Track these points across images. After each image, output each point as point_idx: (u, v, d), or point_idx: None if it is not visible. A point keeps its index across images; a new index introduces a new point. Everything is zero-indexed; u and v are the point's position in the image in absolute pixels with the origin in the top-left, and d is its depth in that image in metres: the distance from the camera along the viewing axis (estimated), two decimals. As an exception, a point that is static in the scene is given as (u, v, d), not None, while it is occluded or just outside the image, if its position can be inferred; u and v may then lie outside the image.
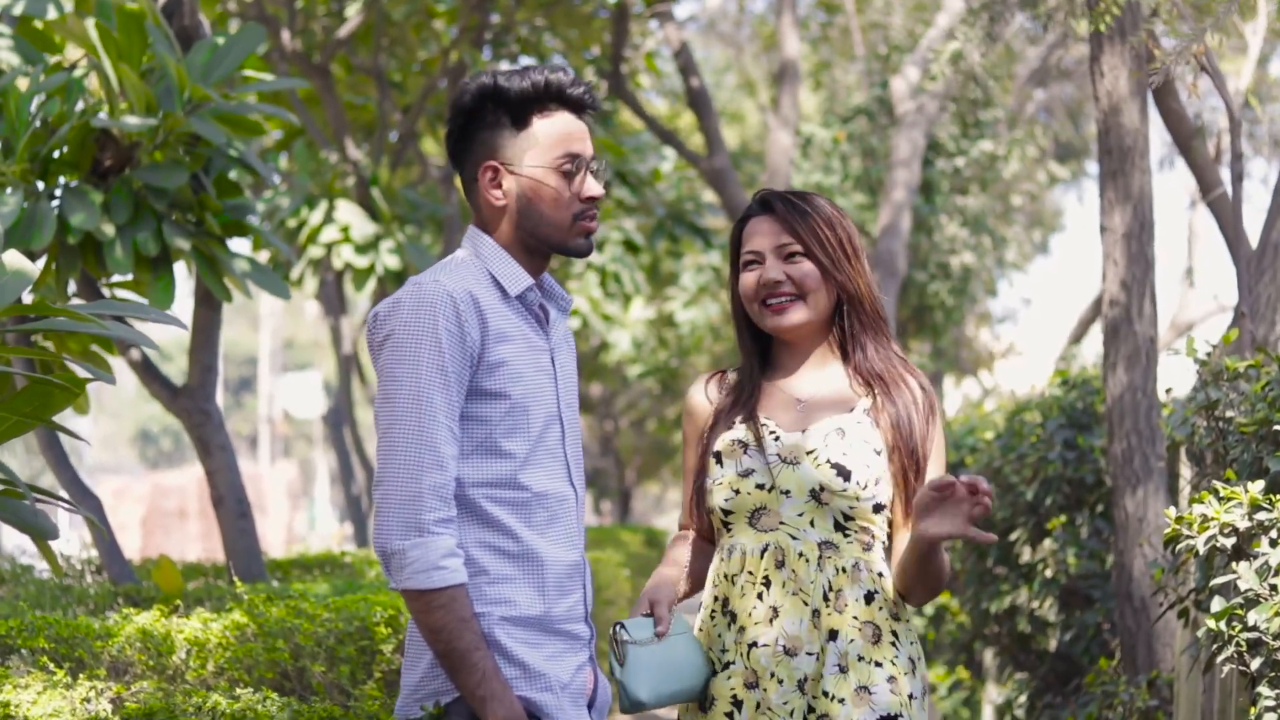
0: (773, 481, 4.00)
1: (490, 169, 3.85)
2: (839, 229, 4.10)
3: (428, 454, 3.61)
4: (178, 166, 6.37)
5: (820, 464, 3.96)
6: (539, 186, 3.83)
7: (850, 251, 4.10)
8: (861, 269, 4.11)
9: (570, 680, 3.82)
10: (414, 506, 3.58)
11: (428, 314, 3.67)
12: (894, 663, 3.95)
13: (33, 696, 4.28)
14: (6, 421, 3.57)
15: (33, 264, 3.66)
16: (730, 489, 4.06)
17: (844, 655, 3.91)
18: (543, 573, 3.79)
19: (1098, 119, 7.12)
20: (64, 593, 6.68)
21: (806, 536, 3.98)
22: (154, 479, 35.82)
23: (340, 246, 13.26)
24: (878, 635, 3.96)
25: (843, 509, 3.97)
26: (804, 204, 4.11)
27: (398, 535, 3.58)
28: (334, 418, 19.66)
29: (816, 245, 4.07)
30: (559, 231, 3.86)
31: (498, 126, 3.85)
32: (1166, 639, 6.82)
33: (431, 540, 3.58)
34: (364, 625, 5.06)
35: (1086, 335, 19.51)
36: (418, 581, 3.57)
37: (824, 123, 20.64)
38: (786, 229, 4.09)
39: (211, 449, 6.94)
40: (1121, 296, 7.01)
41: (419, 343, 3.65)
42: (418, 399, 3.63)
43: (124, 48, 6.28)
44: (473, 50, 14.55)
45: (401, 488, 3.60)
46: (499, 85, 3.83)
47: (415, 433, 3.61)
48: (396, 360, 3.66)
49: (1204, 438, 5.68)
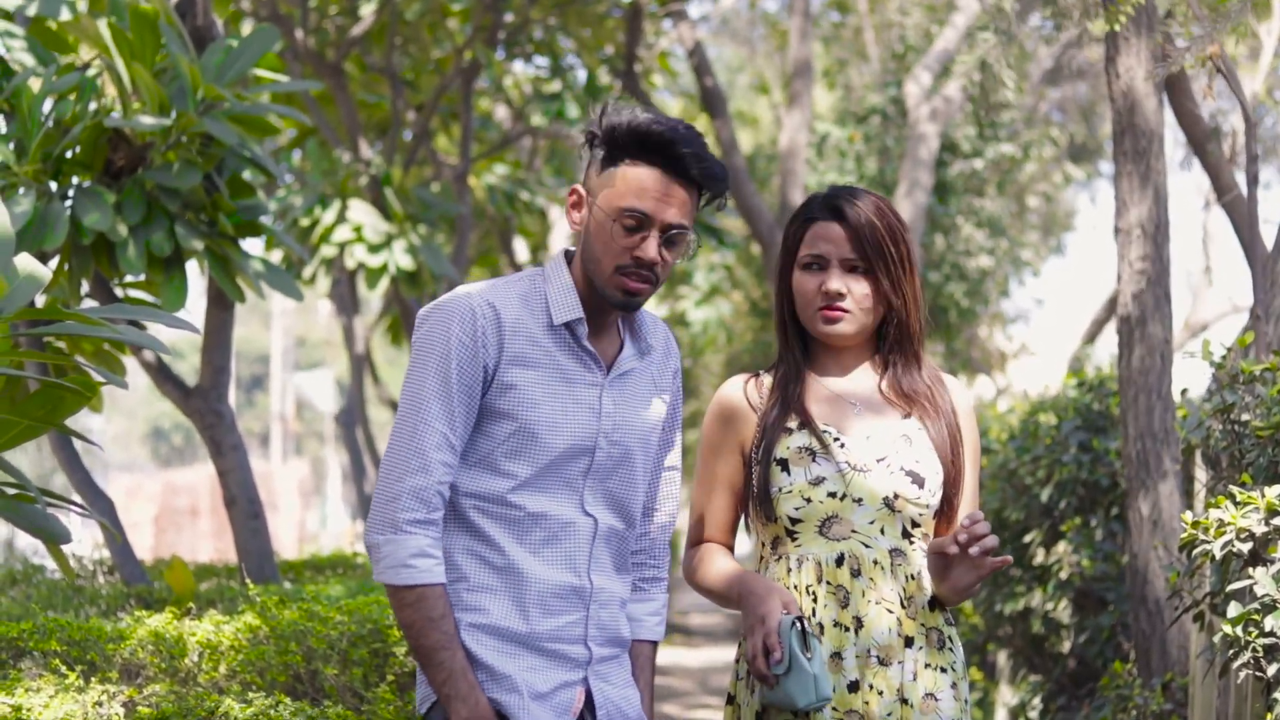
0: (845, 489, 3.97)
1: (575, 191, 3.88)
2: (902, 244, 4.06)
3: (414, 458, 3.69)
4: (191, 167, 6.37)
5: (894, 471, 3.96)
6: (599, 227, 3.82)
7: (909, 268, 4.08)
8: (915, 285, 4.09)
9: (550, 693, 3.81)
10: (392, 506, 3.68)
11: (445, 324, 3.74)
12: (954, 668, 3.98)
13: (45, 700, 4.28)
14: (19, 425, 3.57)
15: (45, 267, 3.65)
16: (801, 497, 4.00)
17: (916, 662, 3.92)
18: (524, 589, 3.80)
19: (1113, 120, 7.09)
20: (76, 593, 6.68)
21: (878, 544, 3.97)
22: (166, 477, 35.85)
23: (353, 246, 13.26)
24: (941, 641, 3.97)
25: (913, 516, 3.97)
26: (872, 215, 4.04)
27: (376, 530, 3.69)
28: (346, 416, 19.68)
29: (881, 264, 4.03)
30: (599, 277, 3.84)
31: (596, 160, 3.86)
32: (1181, 642, 6.79)
33: (403, 539, 3.67)
34: (377, 628, 5.05)
35: (1100, 335, 19.47)
36: (388, 577, 3.68)
37: (839, 122, 20.62)
38: (854, 242, 4.03)
39: (224, 449, 6.94)
40: (1136, 297, 6.98)
41: (431, 350, 3.74)
42: (418, 405, 3.72)
43: (137, 48, 6.27)
44: (486, 49, 14.55)
45: (387, 487, 3.70)
46: (609, 117, 3.83)
47: (409, 437, 3.71)
48: (412, 365, 3.77)
49: (1219, 441, 5.66)
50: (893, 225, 4.05)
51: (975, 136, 18.94)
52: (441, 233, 16.44)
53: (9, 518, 3.60)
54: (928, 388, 4.07)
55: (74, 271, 6.37)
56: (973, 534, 3.75)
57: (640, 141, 3.80)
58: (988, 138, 19.01)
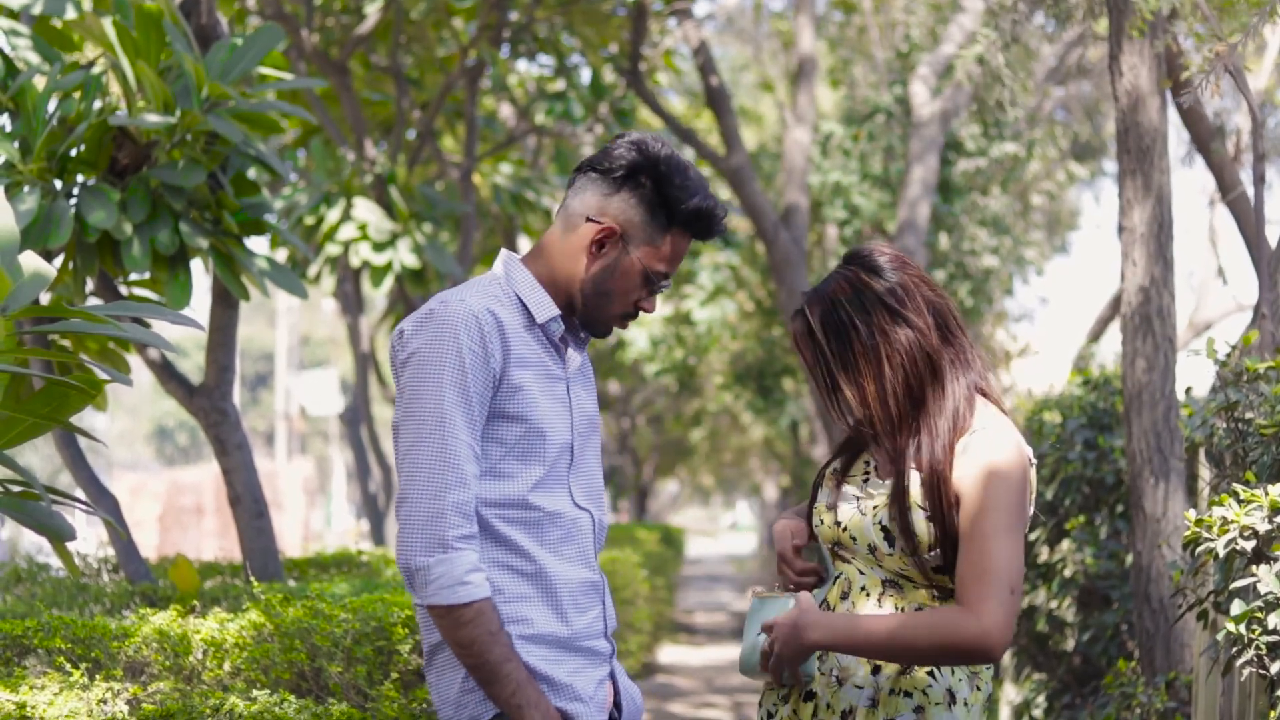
0: (846, 523, 3.99)
1: (610, 232, 3.85)
2: (850, 334, 3.94)
3: (450, 472, 3.62)
4: (195, 165, 6.37)
5: (875, 523, 3.94)
6: (626, 274, 3.87)
7: (864, 363, 3.94)
8: (877, 374, 3.93)
9: (594, 694, 3.83)
10: (438, 524, 3.60)
11: (451, 333, 3.68)
12: (926, 692, 3.89)
13: (49, 697, 4.28)
14: (24, 423, 3.57)
15: (50, 265, 3.66)
16: (819, 517, 4.07)
17: (878, 689, 3.89)
18: (556, 591, 3.80)
19: (1117, 118, 7.10)
20: (80, 591, 6.68)
21: (872, 574, 3.97)
22: (171, 476, 35.88)
23: (358, 244, 13.25)
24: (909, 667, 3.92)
25: (896, 570, 3.94)
26: (813, 314, 3.99)
27: (421, 552, 3.59)
28: (351, 415, 19.68)
29: (820, 373, 4.00)
30: (601, 314, 3.92)
31: (644, 208, 3.86)
32: (1185, 640, 6.79)
33: (455, 556, 3.59)
34: (381, 625, 5.05)
35: (1104, 334, 19.45)
36: (444, 597, 3.59)
37: (844, 120, 20.61)
38: (799, 349, 4.05)
39: (228, 448, 6.94)
40: (1140, 296, 6.99)
41: (442, 362, 3.67)
42: (440, 418, 3.64)
43: (142, 46, 6.28)
44: (491, 48, 14.55)
45: (425, 505, 3.61)
46: (674, 188, 3.84)
47: (439, 451, 3.63)
48: (420, 379, 3.68)
49: (1223, 439, 5.66)
50: (838, 318, 3.95)
51: (979, 135, 18.93)
52: (446, 231, 16.44)
53: (14, 515, 3.60)
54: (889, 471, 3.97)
55: (79, 270, 6.37)
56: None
57: (702, 224, 3.89)
58: (992, 136, 19.00)
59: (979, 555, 3.82)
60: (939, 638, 3.77)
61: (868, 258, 4.04)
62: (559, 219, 3.93)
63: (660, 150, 3.85)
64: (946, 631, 3.78)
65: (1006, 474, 3.91)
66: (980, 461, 3.91)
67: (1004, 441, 3.94)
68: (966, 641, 3.76)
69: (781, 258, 15.89)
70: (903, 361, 3.95)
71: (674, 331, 25.53)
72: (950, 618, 3.79)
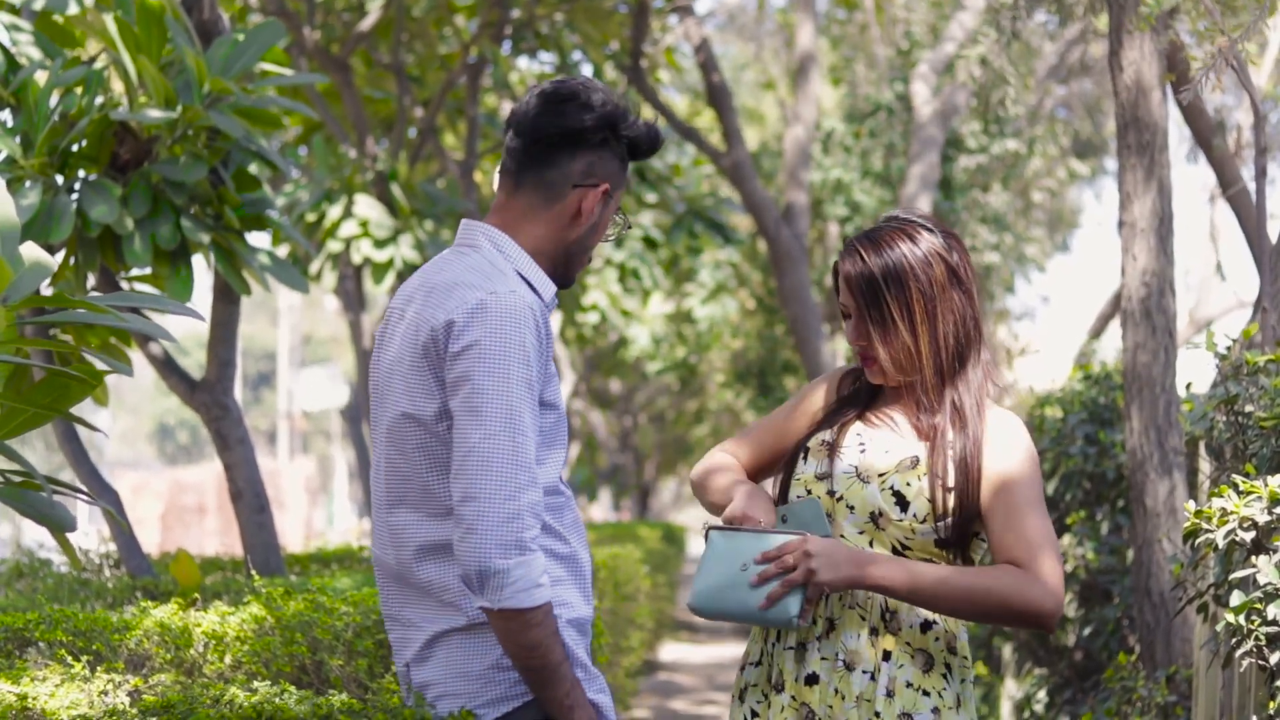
0: (843, 492, 3.95)
1: (605, 193, 3.84)
2: (910, 284, 3.92)
3: (523, 472, 3.55)
4: (197, 160, 6.37)
5: (885, 489, 3.90)
6: (603, 223, 3.88)
7: (920, 311, 3.92)
8: (932, 328, 3.93)
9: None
10: (514, 525, 3.51)
11: (513, 326, 3.60)
12: (942, 695, 3.89)
13: (50, 689, 4.27)
14: (24, 413, 3.56)
15: (51, 257, 3.65)
16: (804, 487, 4.00)
17: (893, 680, 3.86)
18: (581, 573, 3.80)
19: (1117, 113, 7.09)
20: (82, 586, 6.68)
21: None
22: (173, 475, 35.89)
23: (359, 241, 13.26)
24: (929, 664, 3.89)
25: (898, 537, 3.90)
26: (875, 256, 3.94)
27: (498, 555, 3.50)
28: (353, 413, 19.67)
29: (875, 314, 3.95)
30: (577, 268, 3.92)
31: (616, 159, 3.85)
32: (1185, 635, 6.79)
33: (532, 559, 3.52)
34: (381, 619, 5.04)
35: (1105, 331, 19.46)
36: (519, 600, 3.52)
37: (845, 118, 20.61)
38: (849, 290, 3.98)
39: (230, 443, 6.93)
40: (1141, 291, 6.98)
41: (507, 356, 3.58)
42: (510, 415, 3.55)
43: (143, 41, 6.27)
44: (493, 45, 14.56)
45: (500, 506, 3.52)
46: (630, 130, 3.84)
47: (510, 450, 3.54)
48: (484, 371, 3.58)
49: (1223, 432, 5.66)
50: (901, 265, 3.92)
51: (980, 132, 18.93)
52: (448, 229, 16.43)
53: (14, 505, 3.60)
54: (939, 431, 3.93)
55: (80, 265, 6.37)
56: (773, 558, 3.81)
57: (649, 152, 3.90)
58: (993, 134, 19.00)
59: (1024, 526, 3.84)
60: (1011, 596, 3.78)
61: (922, 217, 4.03)
62: (529, 190, 3.84)
63: (609, 98, 3.83)
64: (1018, 591, 3.78)
65: (1031, 450, 3.96)
66: (1008, 436, 3.94)
67: (1018, 421, 4.00)
68: (1034, 605, 3.79)
69: (783, 254, 15.88)
70: (956, 321, 3.96)
71: (675, 329, 25.53)
72: (1023, 579, 3.79)
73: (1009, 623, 3.85)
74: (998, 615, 3.82)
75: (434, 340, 3.66)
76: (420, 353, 3.69)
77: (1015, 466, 3.90)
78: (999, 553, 3.84)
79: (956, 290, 3.96)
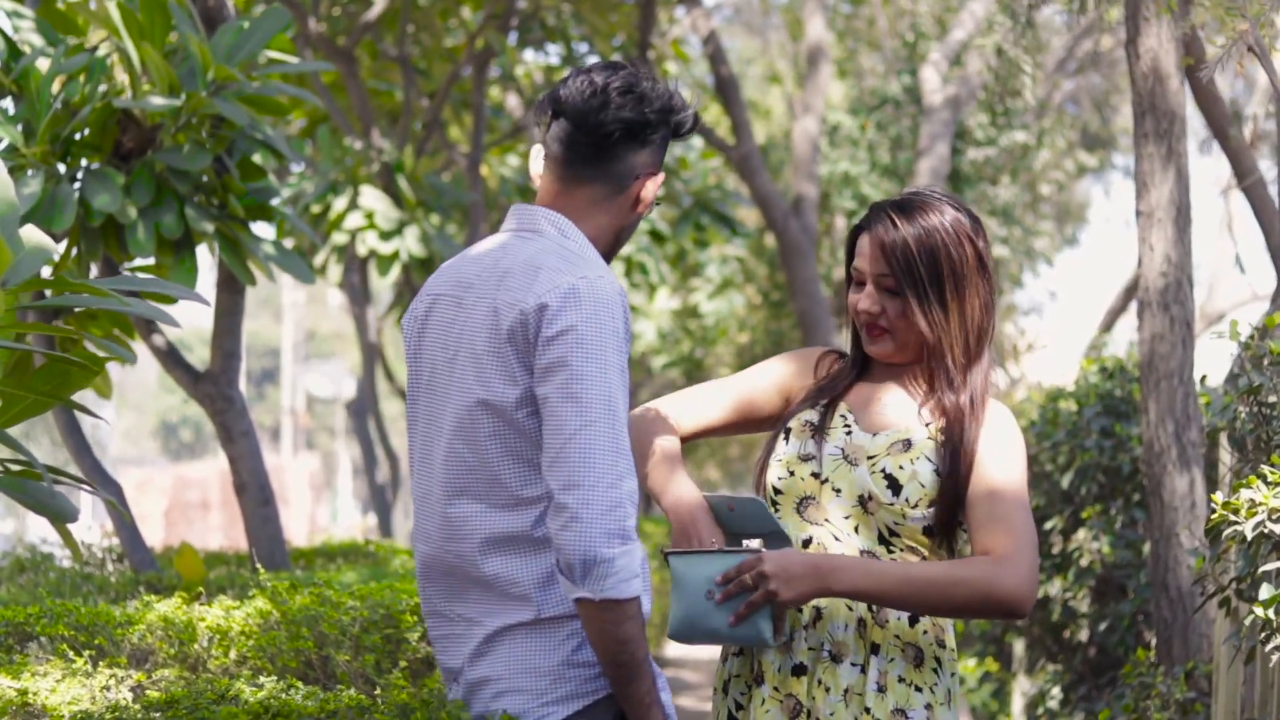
0: (827, 474, 3.87)
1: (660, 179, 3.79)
2: (943, 260, 3.85)
3: (622, 459, 3.47)
4: (201, 148, 6.32)
5: (875, 471, 3.82)
6: (645, 205, 3.80)
7: (950, 287, 3.85)
8: (960, 306, 3.87)
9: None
10: (618, 513, 3.43)
11: (608, 313, 3.53)
12: (933, 690, 3.82)
13: (52, 684, 4.21)
14: (25, 400, 3.49)
15: (52, 240, 3.57)
16: (786, 468, 3.92)
17: (884, 674, 3.79)
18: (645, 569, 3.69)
19: (1134, 101, 7.00)
20: (85, 581, 6.62)
21: (849, 541, 3.84)
22: (176, 470, 35.92)
23: (364, 233, 13.21)
24: (919, 659, 3.83)
25: (887, 522, 3.82)
26: (908, 225, 3.87)
27: (604, 543, 3.42)
28: (358, 407, 19.62)
29: (909, 282, 3.86)
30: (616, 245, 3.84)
31: (664, 142, 3.79)
32: (1203, 630, 6.72)
33: (633, 548, 3.45)
34: (390, 614, 4.98)
35: (1116, 325, 19.42)
36: (621, 590, 3.44)
37: (851, 111, 20.56)
38: (884, 256, 3.87)
39: (234, 435, 6.87)
40: (1158, 281, 6.90)
41: (604, 343, 3.50)
42: (609, 403, 3.48)
43: (147, 28, 6.22)
44: (499, 36, 14.49)
45: (604, 494, 3.43)
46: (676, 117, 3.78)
47: (610, 438, 3.46)
48: (583, 358, 3.49)
49: (1246, 424, 5.58)
50: (934, 238, 3.84)
51: (988, 124, 18.87)
52: (454, 222, 16.39)
53: (15, 495, 3.52)
54: (962, 413, 3.87)
55: (83, 254, 6.32)
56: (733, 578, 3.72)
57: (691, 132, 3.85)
58: (1001, 125, 18.94)
59: (1006, 516, 3.78)
60: (981, 587, 3.70)
61: (947, 195, 3.98)
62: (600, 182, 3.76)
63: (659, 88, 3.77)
64: (987, 580, 3.70)
65: (1021, 442, 3.91)
66: (1001, 427, 3.89)
67: (1008, 411, 3.95)
68: (1007, 594, 3.70)
69: (791, 248, 15.83)
70: (980, 306, 3.91)
71: (682, 324, 25.45)
72: (992, 568, 3.72)
73: (982, 614, 3.76)
74: (970, 607, 3.74)
75: (523, 324, 3.55)
76: (504, 337, 3.58)
77: (1006, 458, 3.85)
78: (977, 540, 3.79)
79: (982, 277, 3.90)
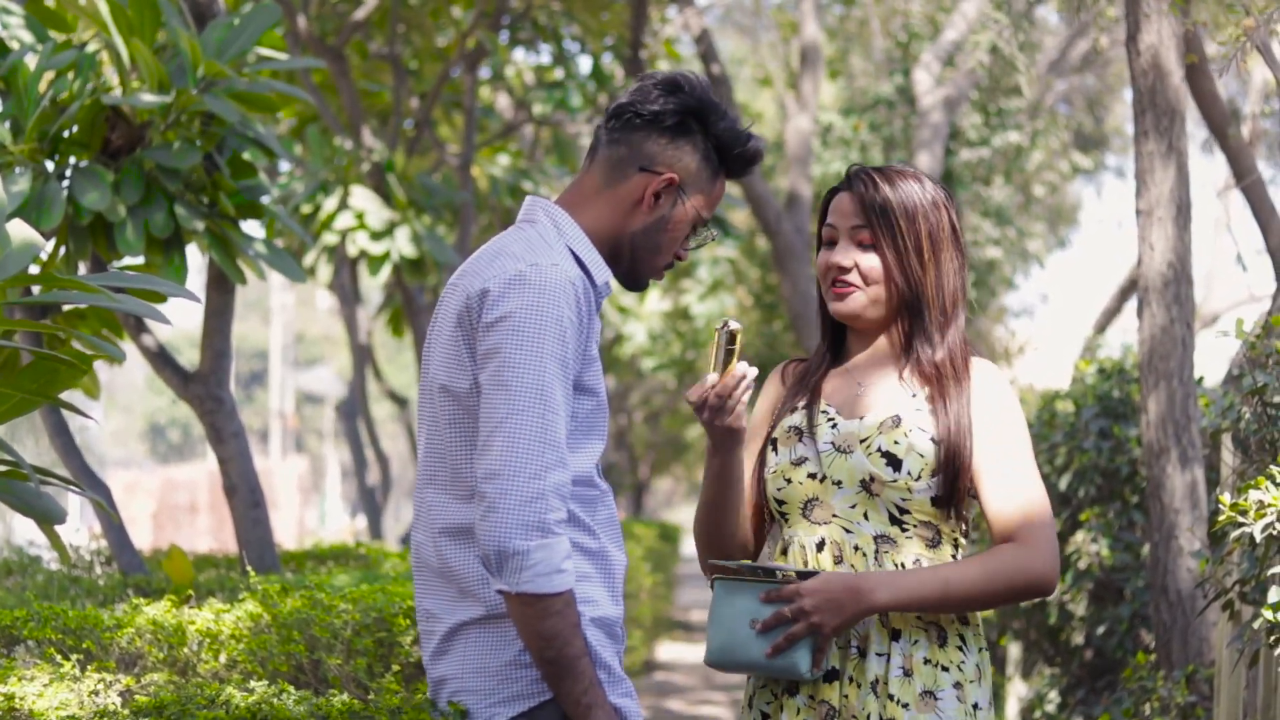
0: (824, 471, 3.82)
1: (670, 183, 3.67)
2: (920, 221, 3.84)
3: (550, 451, 3.39)
4: (190, 146, 6.25)
5: (871, 452, 3.77)
6: (679, 224, 3.69)
7: (928, 248, 3.84)
8: (937, 268, 3.85)
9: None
10: (538, 505, 3.36)
11: (550, 300, 3.45)
12: (961, 668, 3.76)
13: (39, 689, 4.14)
14: (11, 399, 3.42)
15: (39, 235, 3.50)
16: (782, 478, 3.88)
17: (908, 657, 3.73)
18: (612, 572, 3.65)
19: (1134, 98, 6.96)
20: (72, 584, 6.56)
21: (861, 530, 3.79)
22: (165, 473, 35.85)
23: (355, 233, 13.14)
24: (943, 638, 3.77)
25: (895, 501, 3.77)
26: (888, 187, 3.87)
27: (519, 535, 3.35)
28: (348, 408, 19.57)
29: (888, 237, 3.84)
30: (647, 268, 3.74)
31: (699, 156, 3.70)
32: (1203, 633, 6.67)
33: (554, 542, 3.37)
34: (382, 617, 4.93)
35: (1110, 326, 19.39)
36: (538, 585, 3.37)
37: (844, 111, 20.53)
38: (861, 212, 3.87)
39: (224, 436, 6.80)
40: (1158, 280, 6.86)
41: (541, 330, 3.43)
42: (540, 391, 3.41)
43: (136, 24, 6.16)
44: (490, 35, 14.44)
45: (524, 485, 3.37)
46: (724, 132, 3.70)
47: (538, 428, 3.39)
48: (516, 345, 3.43)
49: (1250, 424, 5.53)
50: (911, 199, 3.86)
51: (981, 125, 18.85)
52: (445, 222, 16.33)
53: (1, 496, 3.46)
54: (942, 372, 3.84)
55: (71, 253, 6.26)
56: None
57: (747, 163, 3.76)
58: (994, 126, 18.92)
59: (1018, 489, 3.77)
60: (1016, 577, 3.71)
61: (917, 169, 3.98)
62: (597, 168, 3.71)
63: (703, 92, 3.68)
64: (1019, 570, 3.72)
65: (1016, 402, 3.88)
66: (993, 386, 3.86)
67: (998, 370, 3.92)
68: (1038, 576, 3.72)
69: (784, 249, 15.78)
70: (953, 274, 3.90)
71: (672, 326, 25.45)
72: (1021, 556, 3.73)
73: (1017, 601, 3.79)
74: (1008, 598, 3.76)
75: (468, 309, 3.52)
76: (455, 322, 3.55)
77: (1003, 420, 3.83)
78: (994, 522, 3.78)
79: (955, 248, 3.91)
